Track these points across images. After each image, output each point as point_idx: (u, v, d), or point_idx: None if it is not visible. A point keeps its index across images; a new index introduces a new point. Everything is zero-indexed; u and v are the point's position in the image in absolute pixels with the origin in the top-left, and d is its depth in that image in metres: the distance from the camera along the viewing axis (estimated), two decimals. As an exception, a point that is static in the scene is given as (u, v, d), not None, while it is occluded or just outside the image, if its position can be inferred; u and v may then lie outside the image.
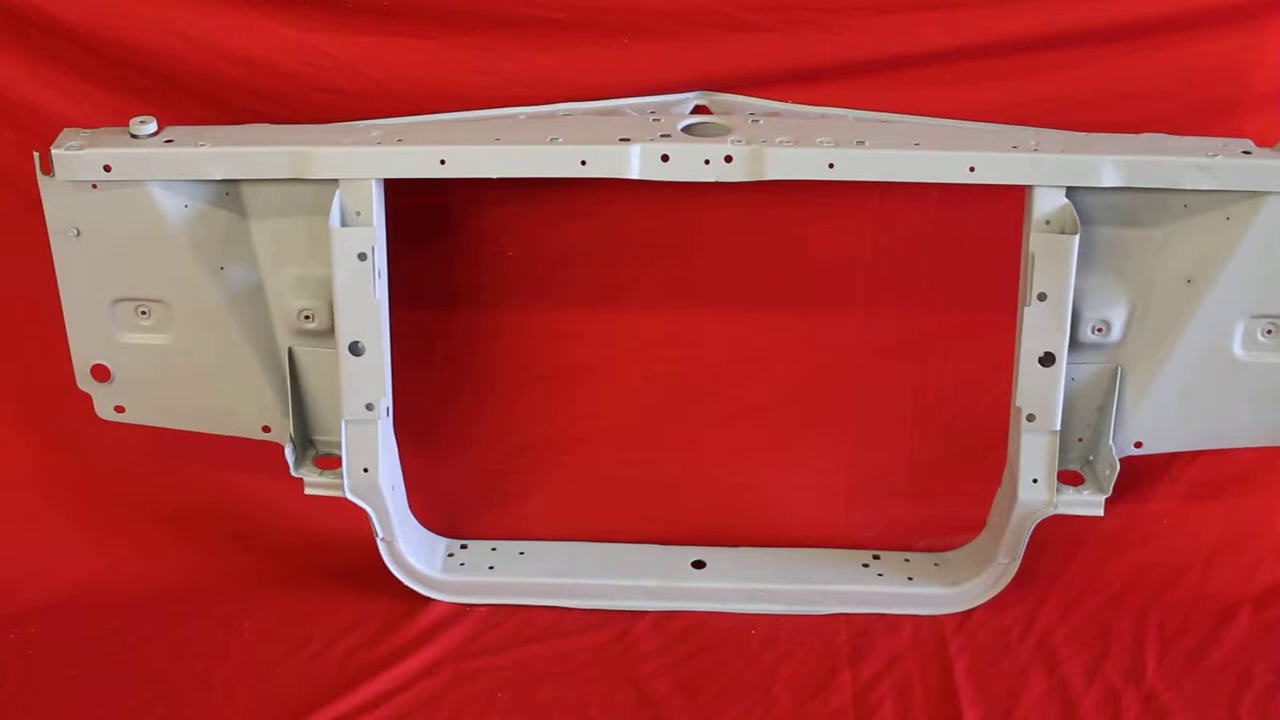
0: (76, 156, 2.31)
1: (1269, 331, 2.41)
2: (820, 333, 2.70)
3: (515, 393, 2.75)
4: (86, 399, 2.52)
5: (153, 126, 2.35)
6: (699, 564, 2.71)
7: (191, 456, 2.71)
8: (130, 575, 2.71)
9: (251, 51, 2.43)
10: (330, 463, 2.56)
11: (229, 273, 2.43)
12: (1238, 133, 2.38)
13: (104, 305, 2.44)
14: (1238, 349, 2.42)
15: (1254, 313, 2.39)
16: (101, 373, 2.49)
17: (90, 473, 2.75)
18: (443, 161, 2.32)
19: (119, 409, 2.53)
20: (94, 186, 2.33)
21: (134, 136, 2.34)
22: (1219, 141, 2.33)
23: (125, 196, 2.34)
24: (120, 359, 2.48)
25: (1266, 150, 2.32)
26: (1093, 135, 2.37)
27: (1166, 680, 2.47)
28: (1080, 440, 2.54)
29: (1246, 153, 2.31)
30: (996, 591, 2.63)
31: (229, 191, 2.38)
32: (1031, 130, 2.39)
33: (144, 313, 2.45)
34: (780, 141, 2.32)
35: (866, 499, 2.79)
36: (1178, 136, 2.36)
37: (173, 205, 2.36)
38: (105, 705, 2.45)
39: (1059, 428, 2.45)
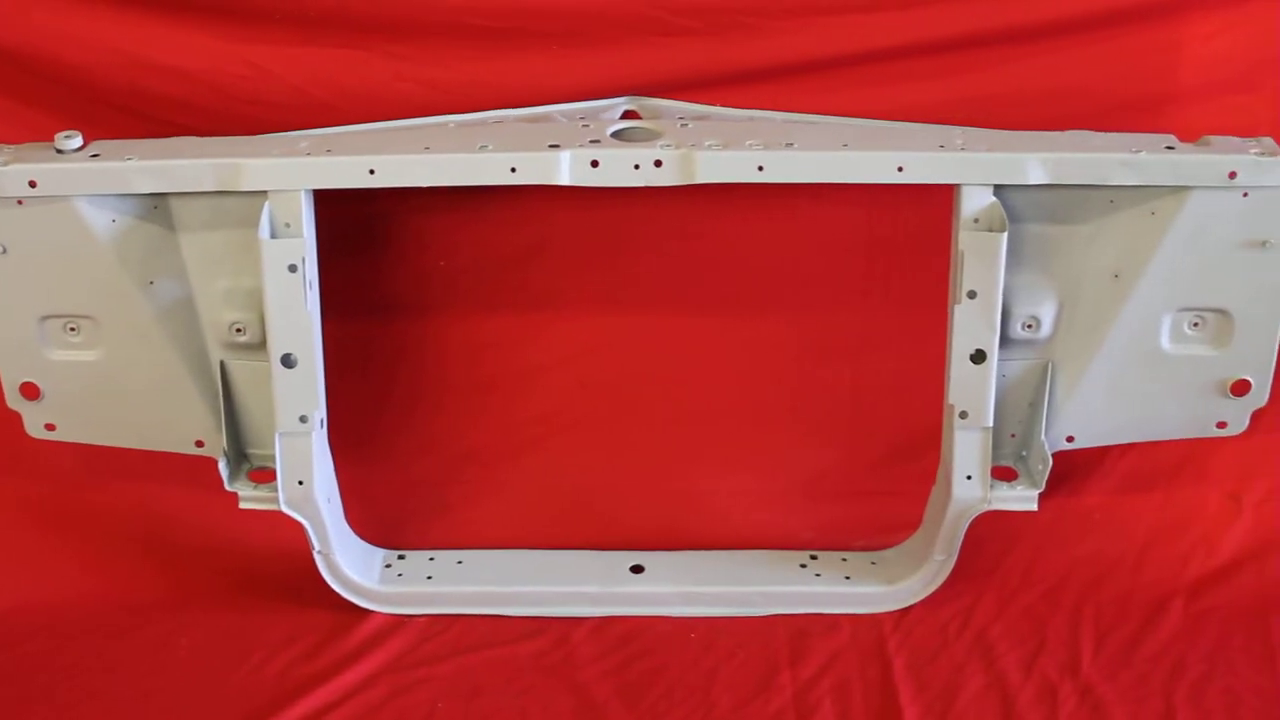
0: (1, 172, 2.29)
1: (1195, 324, 2.44)
2: (754, 335, 2.71)
3: (449, 402, 2.75)
4: (16, 417, 2.49)
5: (78, 141, 2.33)
6: (637, 569, 2.71)
7: (124, 473, 2.69)
8: (64, 595, 2.68)
9: (177, 64, 2.43)
10: (265, 476, 2.54)
11: (158, 287, 2.41)
12: (1161, 129, 2.40)
13: (32, 322, 2.41)
14: (1165, 342, 2.45)
15: (1181, 306, 2.42)
16: (31, 390, 2.47)
17: (21, 492, 2.72)
18: (372, 171, 2.32)
19: (49, 427, 2.51)
20: (19, 203, 2.31)
21: (59, 151, 2.32)
22: (1143, 138, 2.36)
23: (51, 212, 2.32)
24: (49, 376, 2.46)
25: (1189, 145, 2.34)
26: (1019, 133, 2.39)
27: (1102, 673, 2.49)
28: (1013, 436, 2.56)
29: (1170, 148, 2.34)
30: (933, 588, 2.64)
31: (157, 205, 2.37)
32: (958, 129, 2.41)
33: (73, 329, 2.43)
34: (709, 145, 2.33)
35: (803, 500, 2.80)
36: (1102, 133, 2.39)
37: (100, 220, 2.34)
38: (43, 726, 2.43)
39: (991, 424, 2.47)
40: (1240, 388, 2.48)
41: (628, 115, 2.49)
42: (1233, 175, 2.30)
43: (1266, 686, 2.45)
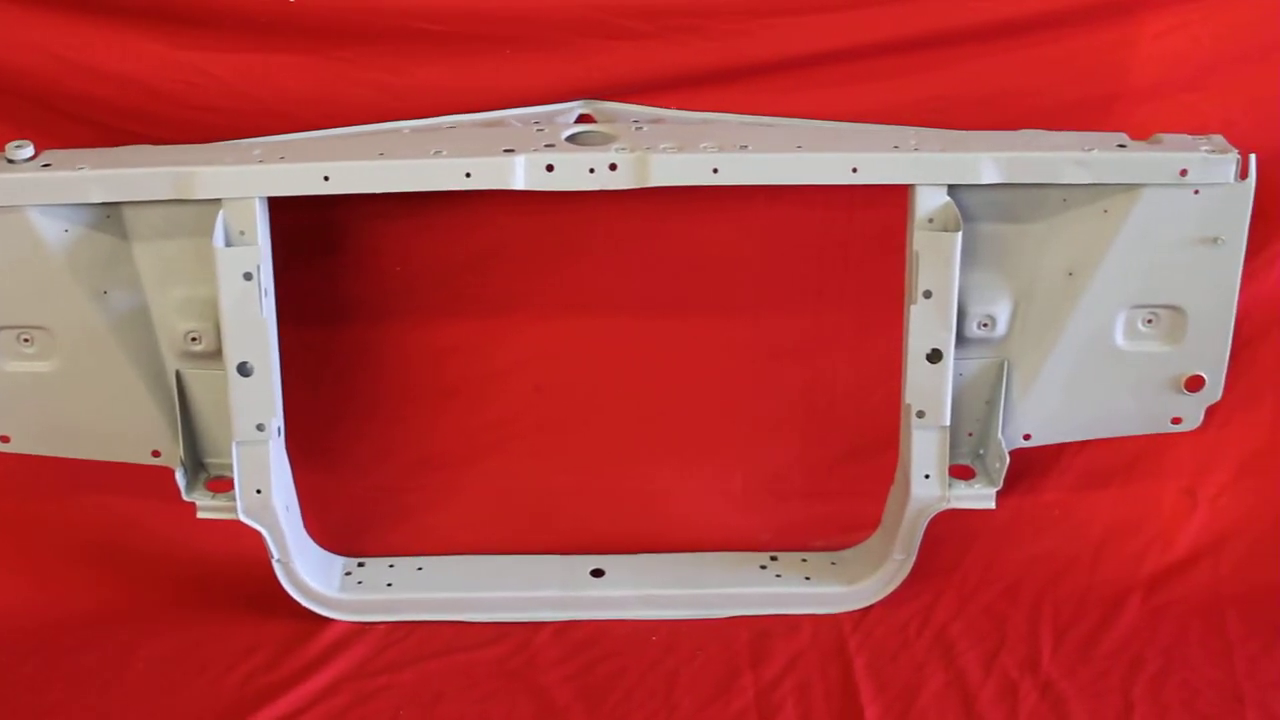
0: (-49, 184, 2.27)
1: (1149, 321, 2.46)
2: (711, 337, 2.71)
3: (407, 408, 2.74)
4: (-31, 430, 2.48)
5: (29, 150, 2.31)
6: (597, 573, 2.71)
7: (80, 484, 2.67)
8: (20, 607, 2.66)
9: (128, 72, 2.41)
10: (222, 485, 2.52)
11: (113, 297, 2.39)
12: (1114, 127, 2.42)
13: (-16, 333, 2.40)
14: (1120, 339, 2.46)
15: (1134, 303, 2.43)
16: (-17, 402, 2.46)
17: (-25, 505, 2.70)
18: (326, 178, 2.31)
19: (3, 438, 2.49)
20: (-30, 214, 2.30)
21: (10, 161, 2.31)
22: (1094, 136, 2.38)
23: (3, 223, 2.31)
24: (3, 388, 2.44)
25: (1141, 143, 2.36)
26: (972, 133, 2.40)
27: (1061, 669, 2.51)
28: (970, 434, 2.57)
29: (1122, 146, 2.35)
30: (893, 588, 2.65)
31: (110, 215, 2.35)
32: (912, 130, 2.42)
33: (26, 340, 2.41)
34: (664, 148, 2.33)
35: (762, 501, 2.80)
36: (1055, 132, 2.40)
37: (52, 230, 2.32)
38: (-1, 740, 2.41)
39: (949, 423, 2.48)
40: (1194, 383, 2.50)
41: (582, 119, 2.49)
42: (1184, 173, 2.32)
43: (1223, 680, 2.47)
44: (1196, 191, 2.34)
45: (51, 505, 2.71)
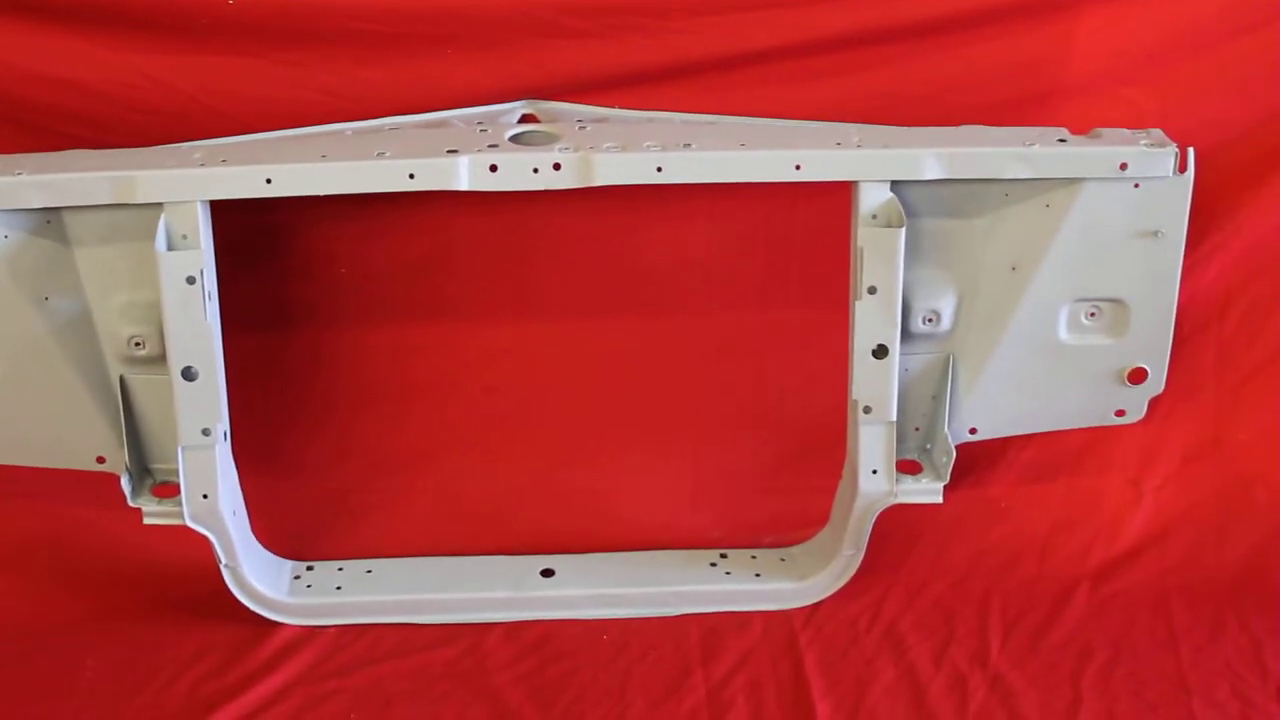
0: (-112, 190, 2.25)
1: (1092, 314, 2.47)
2: (659, 335, 2.72)
3: (355, 411, 2.73)
4: (-89, 438, 2.46)
5: (-34, 155, 2.30)
6: (548, 572, 2.71)
7: (24, 490, 2.65)
8: (-35, 617, 2.64)
9: (65, 75, 2.39)
10: (169, 491, 2.51)
11: (54, 303, 2.38)
12: (1054, 122, 2.43)
13: (-75, 341, 2.38)
14: (1063, 333, 2.48)
15: (1077, 296, 2.45)
16: (-74, 409, 2.43)
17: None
18: (269, 181, 2.30)
19: (-53, 445, 2.47)
20: (-92, 220, 2.28)
21: (-53, 167, 2.29)
22: (1035, 131, 2.39)
23: (-58, 229, 2.29)
24: (-55, 395, 2.42)
25: (1080, 138, 2.38)
26: (914, 129, 2.42)
27: (1011, 661, 2.52)
28: (917, 429, 2.58)
29: (1062, 140, 2.37)
30: (843, 583, 2.66)
31: (50, 220, 2.33)
32: (854, 127, 2.43)
33: (-34, 347, 2.40)
34: (608, 147, 2.33)
35: (712, 499, 2.81)
36: (996, 128, 2.42)
37: (-9, 236, 2.31)
38: (-56, 751, 2.39)
39: (895, 418, 2.49)
40: (1137, 376, 2.52)
41: (525, 119, 2.49)
42: (1124, 167, 2.34)
43: (1169, 669, 2.49)
44: (1136, 185, 2.36)
45: (-5, 513, 2.69)
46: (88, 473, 2.50)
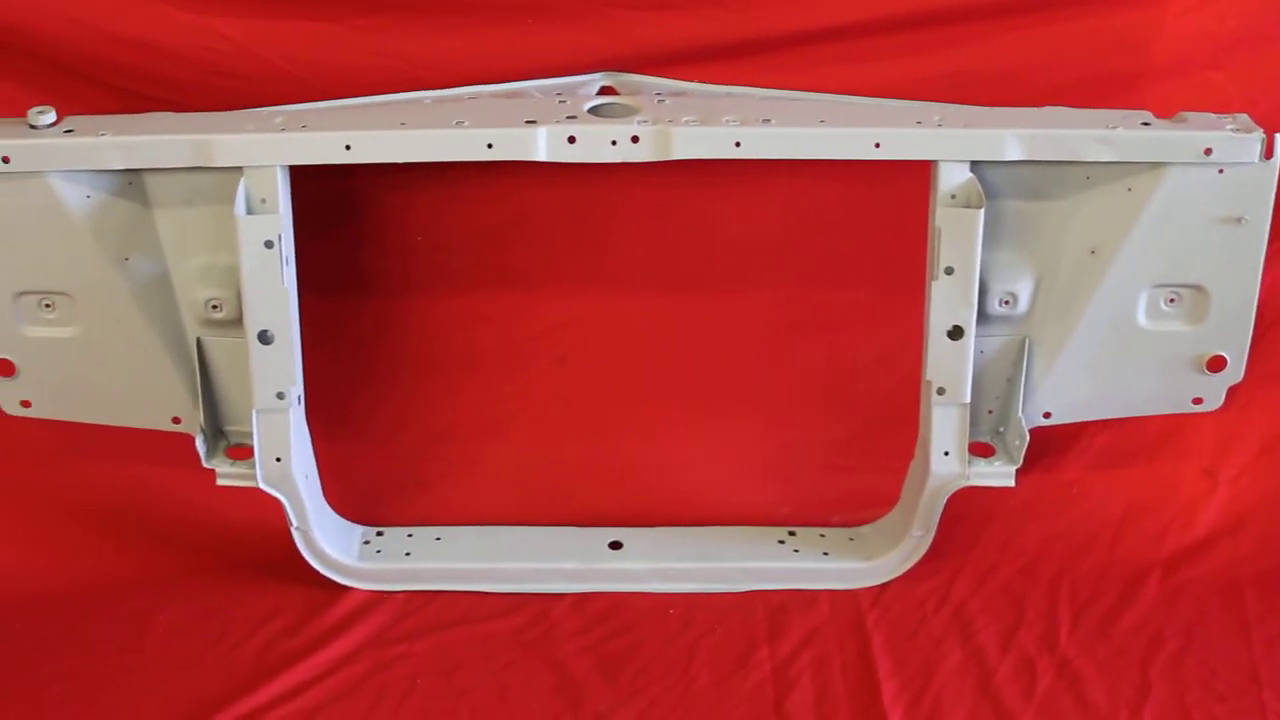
0: (-27, 149, 2.28)
1: (1171, 300, 2.45)
2: (732, 311, 2.71)
3: (428, 378, 2.74)
4: (-8, 394, 2.49)
5: (51, 116, 2.31)
6: (616, 545, 2.71)
7: (101, 450, 2.68)
8: (41, 572, 2.67)
9: (149, 37, 2.40)
10: (242, 453, 2.53)
11: (134, 263, 2.40)
12: (1137, 104, 2.40)
13: (7, 299, 2.40)
14: (1142, 318, 2.46)
15: (1157, 282, 2.42)
16: (6, 367, 2.46)
17: (-3, 469, 2.72)
18: (348, 147, 2.31)
19: (25, 404, 2.50)
20: (-8, 179, 2.30)
21: (32, 127, 2.31)
22: (1119, 114, 2.36)
23: (25, 188, 2.31)
24: (25, 353, 2.45)
25: (1165, 121, 2.35)
26: (995, 110, 2.39)
27: (1079, 647, 2.50)
28: (990, 412, 2.57)
29: (1146, 124, 2.34)
30: (911, 564, 2.65)
31: (131, 181, 2.35)
32: (935, 106, 2.41)
33: (48, 306, 2.42)
34: (686, 121, 2.32)
35: (781, 476, 2.80)
36: (1079, 110, 2.39)
37: (74, 196, 2.33)
38: (17, 704, 2.41)
39: (969, 400, 2.47)
40: (1216, 364, 2.49)
41: (604, 91, 2.48)
42: (1208, 152, 2.31)
43: (1241, 659, 2.46)
44: (1221, 171, 2.33)
45: (72, 471, 2.72)
46: (163, 433, 2.53)
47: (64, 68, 2.44)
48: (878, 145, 2.32)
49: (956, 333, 2.42)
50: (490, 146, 2.31)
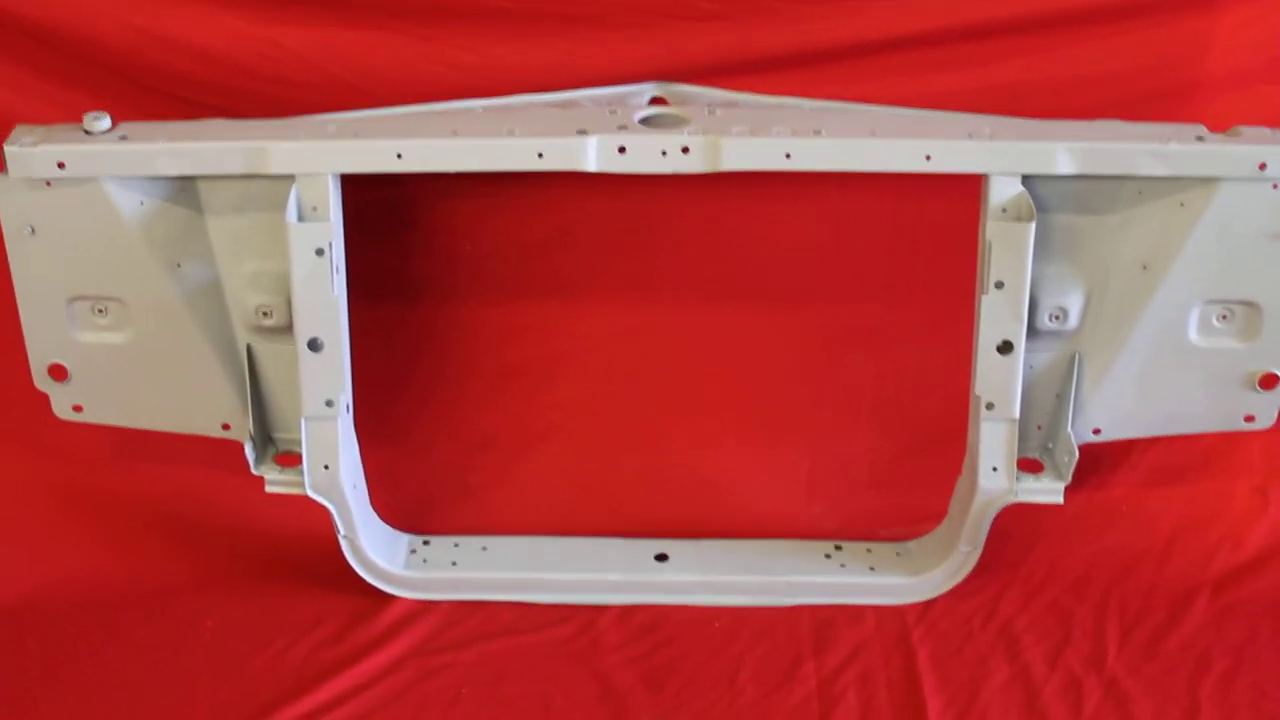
0: (30, 153, 2.29)
1: (1224, 316, 2.43)
2: (780, 324, 2.71)
3: (475, 387, 2.75)
4: (44, 398, 2.50)
5: (106, 122, 2.33)
6: (662, 557, 2.71)
7: (150, 455, 2.70)
8: (90, 576, 2.69)
9: (204, 45, 2.42)
10: (291, 460, 2.54)
11: (186, 269, 2.41)
12: (1191, 118, 2.38)
13: (60, 304, 2.42)
14: (1193, 334, 2.44)
15: (1209, 298, 2.41)
16: (59, 372, 2.48)
17: (47, 473, 2.74)
18: (400, 155, 2.32)
19: (77, 408, 2.51)
20: (48, 184, 2.31)
21: (88, 133, 2.32)
22: (1172, 128, 2.35)
23: (80, 193, 2.33)
24: (77, 358, 2.47)
25: (1219, 136, 2.33)
26: (1048, 122, 2.38)
27: (1127, 666, 2.49)
28: (1039, 428, 2.55)
29: (1200, 139, 2.32)
30: (958, 580, 2.64)
31: (185, 187, 2.37)
32: (987, 118, 2.39)
33: (101, 311, 2.43)
34: (737, 132, 2.32)
35: (828, 490, 2.79)
36: (1132, 123, 2.37)
37: (128, 202, 2.34)
38: (66, 707, 2.43)
39: (1018, 416, 2.46)
40: (1269, 381, 2.47)
41: (655, 101, 2.48)
42: (1263, 167, 2.29)
43: (1291, 681, 2.45)
44: (1275, 186, 2.31)
45: (121, 476, 2.74)
46: (212, 439, 2.54)
47: (120, 74, 2.46)
48: (929, 158, 2.32)
49: (1006, 347, 2.41)
50: (541, 156, 2.31)
